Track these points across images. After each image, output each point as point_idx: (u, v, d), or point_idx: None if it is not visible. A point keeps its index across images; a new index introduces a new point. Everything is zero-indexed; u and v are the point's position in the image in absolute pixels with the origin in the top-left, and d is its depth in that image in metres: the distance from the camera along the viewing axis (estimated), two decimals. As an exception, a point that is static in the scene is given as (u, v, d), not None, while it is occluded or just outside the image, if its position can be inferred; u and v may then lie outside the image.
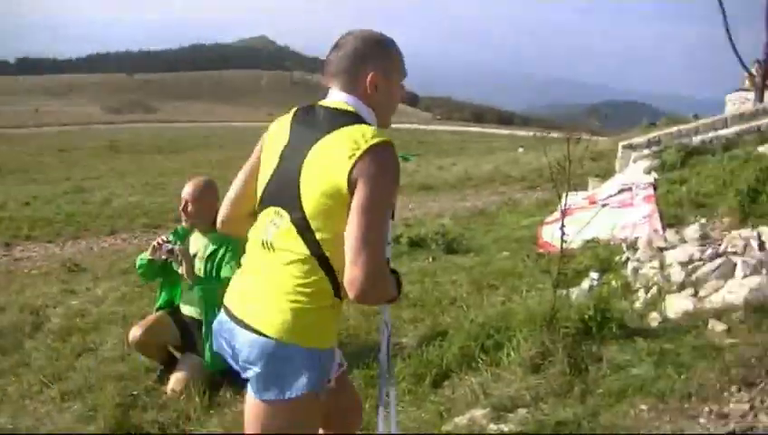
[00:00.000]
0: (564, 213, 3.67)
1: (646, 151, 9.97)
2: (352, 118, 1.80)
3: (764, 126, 9.54)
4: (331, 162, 1.71)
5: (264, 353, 1.77)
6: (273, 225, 1.84)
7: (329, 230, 1.74)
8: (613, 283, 4.62)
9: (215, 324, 1.98)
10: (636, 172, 9.00)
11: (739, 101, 13.84)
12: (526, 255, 6.16)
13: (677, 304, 3.94)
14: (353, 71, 1.84)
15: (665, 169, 8.73)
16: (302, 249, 1.77)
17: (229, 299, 1.95)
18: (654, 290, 4.25)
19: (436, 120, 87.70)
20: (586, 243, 6.10)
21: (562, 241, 3.68)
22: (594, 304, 3.65)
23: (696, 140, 9.70)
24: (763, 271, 4.03)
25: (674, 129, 10.80)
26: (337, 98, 1.85)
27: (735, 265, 4.13)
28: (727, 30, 13.35)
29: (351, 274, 1.63)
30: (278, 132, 1.92)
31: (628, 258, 5.01)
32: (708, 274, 4.14)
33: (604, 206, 7.55)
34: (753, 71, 13.47)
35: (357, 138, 1.71)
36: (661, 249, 4.75)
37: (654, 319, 3.85)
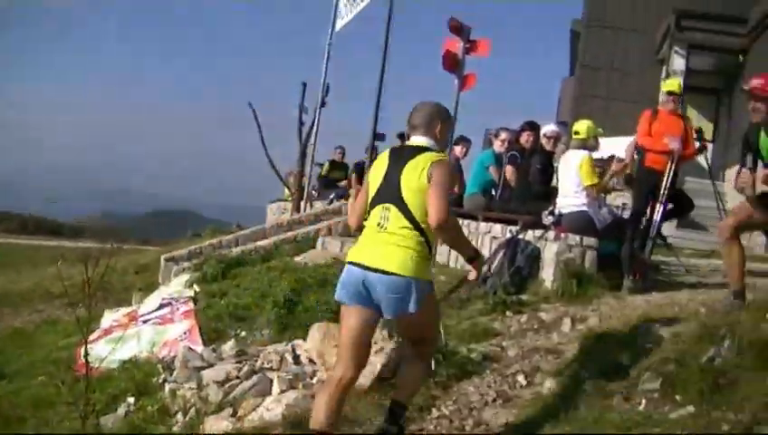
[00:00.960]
0: (106, 331, 3.37)
1: (187, 264, 9.90)
2: (425, 149, 3.33)
3: (300, 236, 10.36)
4: (419, 173, 3.22)
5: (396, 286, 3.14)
6: (384, 213, 3.23)
7: (421, 213, 3.18)
8: (149, 407, 4.39)
9: (343, 276, 3.27)
10: (177, 286, 8.84)
11: (279, 211, 14.89)
12: (61, 380, 5.49)
13: (216, 426, 3.91)
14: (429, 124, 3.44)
15: (205, 282, 8.67)
16: (407, 223, 3.20)
17: (357, 257, 3.24)
18: (192, 412, 4.16)
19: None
20: (124, 364, 5.75)
21: (88, 366, 3.35)
22: (128, 432, 3.36)
23: (237, 250, 9.98)
24: (299, 385, 4.23)
25: (215, 240, 11.15)
26: (419, 142, 3.39)
27: (272, 380, 4.27)
28: (263, 142, 14.19)
29: (434, 215, 3.12)
30: (379, 163, 3.40)
31: (165, 379, 4.86)
32: (246, 392, 4.21)
33: (145, 322, 7.25)
34: (291, 181, 14.38)
35: (430, 157, 3.26)
36: (198, 368, 4.70)
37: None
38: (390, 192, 3.25)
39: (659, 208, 6.49)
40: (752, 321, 3.84)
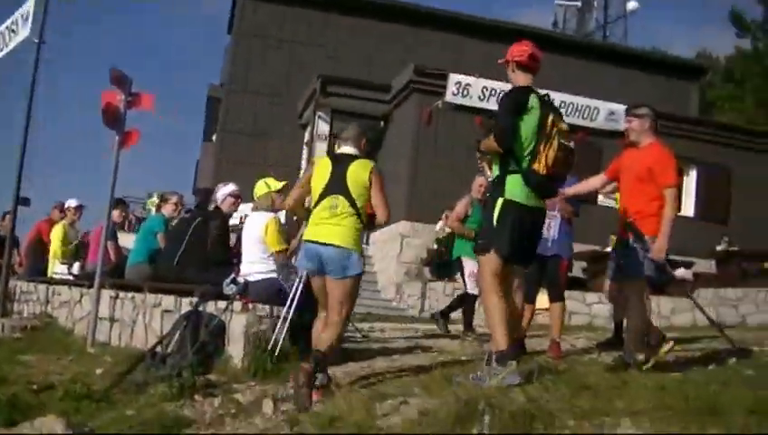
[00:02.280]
0: None
1: None
2: (356, 157, 4.67)
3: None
4: (361, 173, 4.54)
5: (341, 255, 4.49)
6: (334, 201, 4.51)
7: (360, 203, 4.54)
8: None
9: (303, 251, 4.65)
10: None
11: None
12: None
13: None
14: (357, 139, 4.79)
15: None
16: (351, 209, 4.51)
17: (314, 237, 4.55)
18: None
19: None
20: None
21: None
22: None
23: None
24: None
25: None
26: (349, 151, 4.72)
27: None
28: None
29: (383, 214, 4.60)
30: (323, 165, 4.67)
31: None
32: None
33: None
34: None
35: (367, 164, 4.61)
36: None
37: None
38: (338, 186, 4.53)
39: None
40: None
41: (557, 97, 14.47)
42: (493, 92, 14.19)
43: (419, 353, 5.99)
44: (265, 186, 5.83)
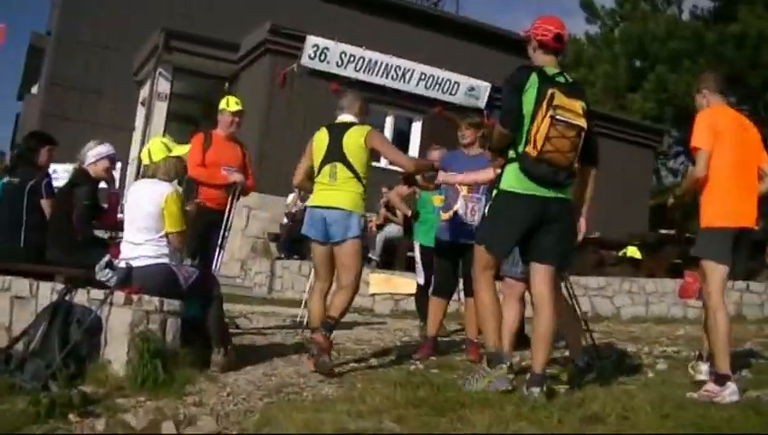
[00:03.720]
0: None
1: None
2: (353, 124, 4.98)
3: None
4: (357, 138, 4.85)
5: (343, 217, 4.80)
6: (332, 169, 4.83)
7: (359, 167, 4.83)
8: None
9: (309, 217, 4.97)
10: None
11: None
12: None
13: None
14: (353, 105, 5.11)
15: None
16: (350, 174, 4.81)
17: (318, 202, 4.90)
18: None
19: None
20: None
21: None
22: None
23: None
24: None
25: None
26: (346, 119, 5.03)
27: None
28: None
29: (407, 164, 5.25)
30: (321, 137, 4.97)
31: None
32: None
33: None
34: None
35: (363, 129, 4.94)
36: None
37: None
38: (335, 153, 4.87)
39: (219, 252, 5.92)
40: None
41: (417, 69, 14.50)
42: (351, 58, 13.90)
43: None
44: (164, 148, 4.80)
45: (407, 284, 8.78)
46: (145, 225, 4.59)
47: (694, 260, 4.61)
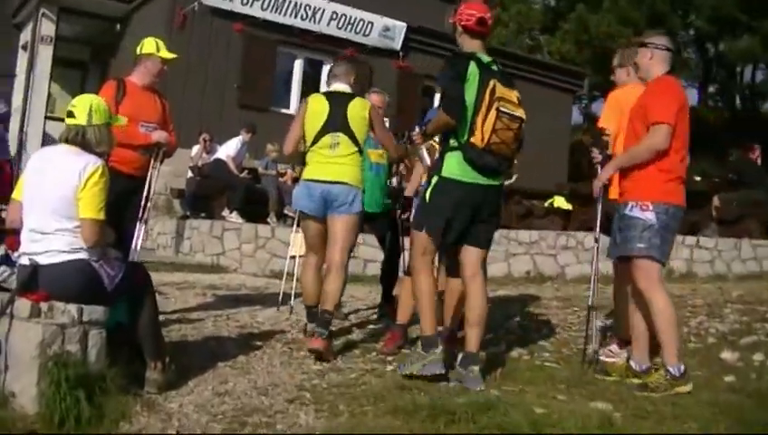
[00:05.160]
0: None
1: None
2: (353, 95, 4.98)
3: None
4: (361, 111, 4.89)
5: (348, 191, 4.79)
6: (335, 138, 4.79)
7: (361, 140, 4.89)
8: None
9: (305, 191, 4.88)
10: None
11: None
12: None
13: None
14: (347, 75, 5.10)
15: None
16: (353, 147, 4.83)
17: (320, 175, 4.81)
18: None
19: None
20: None
21: None
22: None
23: None
24: None
25: None
26: (342, 88, 5.02)
27: None
28: None
29: (393, 148, 5.34)
30: (319, 104, 4.90)
31: None
32: None
33: None
34: None
35: (365, 102, 5.00)
36: None
37: None
38: (338, 124, 4.83)
39: (139, 229, 5.05)
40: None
41: (328, 8, 13.97)
42: (257, -5, 13.23)
43: (271, 347, 4.79)
44: (106, 111, 3.74)
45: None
46: (59, 208, 3.51)
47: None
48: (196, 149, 11.14)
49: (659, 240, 3.99)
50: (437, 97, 16.55)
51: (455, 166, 4.01)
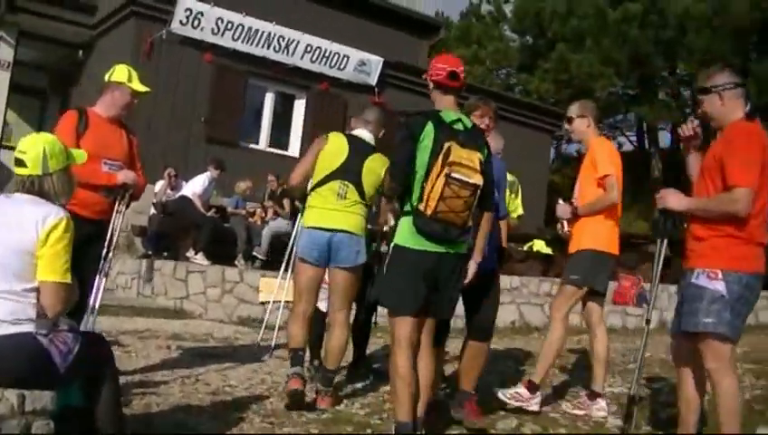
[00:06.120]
0: None
1: None
2: (374, 148, 4.98)
3: None
4: (378, 169, 4.74)
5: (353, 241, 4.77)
6: (343, 187, 4.74)
7: (368, 193, 4.85)
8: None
9: (308, 239, 4.77)
10: None
11: None
12: None
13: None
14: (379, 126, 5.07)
15: None
16: (359, 199, 4.78)
17: (326, 223, 4.73)
18: None
19: None
20: None
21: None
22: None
23: None
24: None
25: None
26: (366, 136, 5.00)
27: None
28: None
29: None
30: (340, 146, 4.85)
31: None
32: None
33: None
34: None
35: (384, 161, 4.62)
36: None
37: None
38: (352, 173, 4.77)
39: (99, 282, 4.55)
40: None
41: (303, 40, 13.74)
42: (229, 26, 12.86)
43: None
44: (63, 153, 3.19)
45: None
46: (8, 264, 2.97)
47: (627, 262, 4.71)
48: (160, 184, 10.71)
49: (731, 314, 3.51)
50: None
51: (405, 233, 3.79)
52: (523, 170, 15.24)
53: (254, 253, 10.26)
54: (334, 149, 4.80)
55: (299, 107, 14.56)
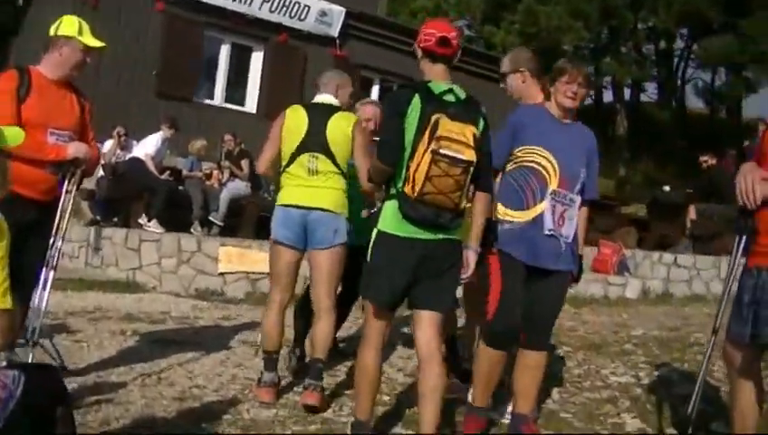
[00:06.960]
0: None
1: None
2: (337, 108, 4.54)
3: None
4: (344, 127, 4.41)
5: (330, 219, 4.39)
6: (312, 160, 4.37)
7: (343, 161, 4.42)
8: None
9: (281, 218, 4.41)
10: None
11: None
12: None
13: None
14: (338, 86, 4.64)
15: None
16: (334, 168, 4.40)
17: (296, 200, 4.38)
18: None
19: None
20: None
21: None
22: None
23: None
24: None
25: None
26: (327, 99, 4.58)
27: None
28: None
29: (364, 178, 4.04)
30: (297, 118, 4.44)
31: None
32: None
33: None
34: None
35: (350, 117, 4.51)
36: None
37: None
38: (317, 143, 4.38)
39: (46, 274, 4.09)
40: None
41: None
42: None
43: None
44: None
45: (265, 260, 7.75)
46: None
47: (609, 228, 4.26)
48: (108, 144, 10.11)
49: None
50: (375, 90, 16.23)
51: (391, 219, 3.50)
52: (491, 125, 15.24)
53: (211, 218, 9.82)
54: (293, 123, 4.45)
55: (256, 60, 14.01)
